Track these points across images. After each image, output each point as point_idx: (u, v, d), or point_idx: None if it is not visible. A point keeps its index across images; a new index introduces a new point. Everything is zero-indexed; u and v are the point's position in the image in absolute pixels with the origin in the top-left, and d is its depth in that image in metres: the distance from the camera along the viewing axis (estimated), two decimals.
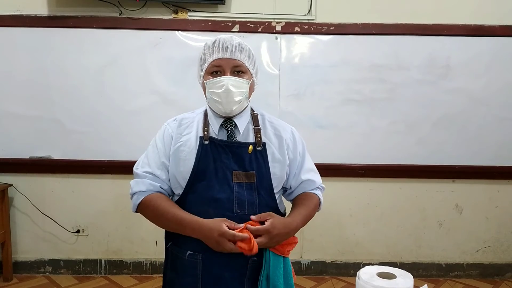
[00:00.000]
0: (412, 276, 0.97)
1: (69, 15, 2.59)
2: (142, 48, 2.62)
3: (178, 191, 1.24)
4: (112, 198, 2.75)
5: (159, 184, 1.23)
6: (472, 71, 2.67)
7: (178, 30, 2.62)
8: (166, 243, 1.29)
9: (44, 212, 2.72)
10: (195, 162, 1.19)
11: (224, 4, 2.58)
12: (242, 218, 1.16)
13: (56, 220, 2.73)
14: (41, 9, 2.59)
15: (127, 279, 2.75)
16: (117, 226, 2.78)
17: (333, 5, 2.64)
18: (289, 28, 2.63)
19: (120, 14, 2.61)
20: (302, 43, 2.65)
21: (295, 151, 1.31)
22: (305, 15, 2.65)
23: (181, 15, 2.62)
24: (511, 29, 2.64)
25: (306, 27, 2.63)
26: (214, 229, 1.09)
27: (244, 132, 1.26)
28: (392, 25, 2.64)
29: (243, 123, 1.27)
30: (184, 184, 1.21)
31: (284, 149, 1.28)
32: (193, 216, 1.15)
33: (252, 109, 1.33)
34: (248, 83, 1.23)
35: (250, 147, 1.22)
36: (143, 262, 2.80)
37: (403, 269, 1.00)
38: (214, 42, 1.22)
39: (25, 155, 2.66)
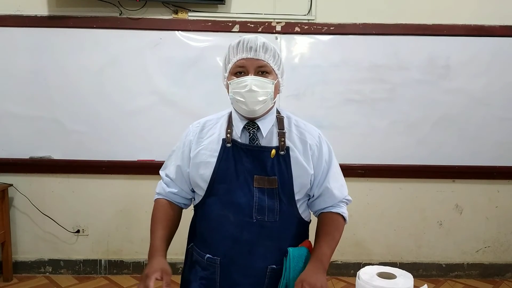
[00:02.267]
0: (412, 276, 0.97)
1: (69, 15, 2.59)
2: (142, 48, 2.62)
3: (200, 192, 1.23)
4: (112, 198, 2.75)
5: (169, 190, 1.27)
6: (472, 71, 2.67)
7: (178, 30, 2.62)
8: (188, 243, 1.31)
9: (44, 212, 2.72)
10: (216, 164, 1.18)
11: (224, 4, 2.58)
12: (261, 225, 1.15)
13: (56, 220, 2.73)
14: (41, 9, 2.59)
15: (127, 279, 2.75)
16: (117, 226, 2.78)
17: (333, 5, 2.64)
18: (289, 28, 2.63)
19: (120, 14, 2.61)
20: (302, 43, 2.65)
21: (320, 158, 1.25)
22: (305, 15, 2.65)
23: (181, 15, 2.62)
24: (511, 29, 2.64)
25: (306, 27, 2.63)
26: (145, 272, 1.10)
27: (267, 135, 1.22)
28: (392, 25, 2.63)
29: (267, 126, 1.23)
30: (205, 186, 1.20)
31: (309, 155, 1.23)
32: (155, 246, 1.17)
33: (278, 111, 1.29)
34: (273, 83, 1.19)
35: (273, 151, 1.18)
36: (143, 262, 2.80)
37: (403, 269, 1.00)
38: (239, 42, 1.20)
39: (25, 155, 2.66)
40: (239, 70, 1.19)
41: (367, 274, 0.97)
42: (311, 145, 1.24)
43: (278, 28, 2.63)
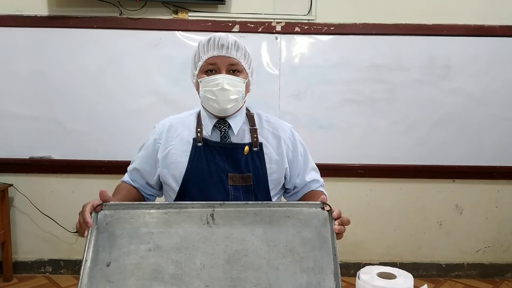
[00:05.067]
0: (412, 276, 0.97)
1: (69, 15, 2.59)
2: (142, 48, 2.62)
3: (172, 194, 1.21)
4: None
5: (132, 182, 1.32)
6: (472, 71, 2.67)
7: (178, 30, 2.62)
8: None
9: (44, 212, 2.72)
10: (188, 165, 1.16)
11: (224, 4, 2.58)
12: None
13: (56, 220, 2.73)
14: (41, 9, 2.59)
15: None
16: None
17: (333, 5, 2.64)
18: (289, 28, 2.63)
19: (120, 14, 2.61)
20: (302, 43, 2.65)
21: (295, 151, 1.27)
22: (305, 15, 2.65)
23: (181, 15, 2.62)
24: (511, 29, 2.64)
25: (306, 27, 2.63)
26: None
27: (239, 133, 1.22)
28: (392, 25, 2.63)
29: (237, 124, 1.22)
30: (177, 188, 1.18)
31: (283, 149, 1.23)
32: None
33: (248, 109, 1.29)
34: (244, 82, 1.19)
35: (246, 148, 1.17)
36: None
37: (403, 269, 1.00)
38: (209, 39, 1.19)
39: (25, 155, 2.66)
40: (210, 68, 1.18)
41: (367, 274, 0.97)
42: (285, 140, 1.25)
43: (278, 28, 2.63)
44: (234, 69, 1.18)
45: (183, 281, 0.92)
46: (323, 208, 1.00)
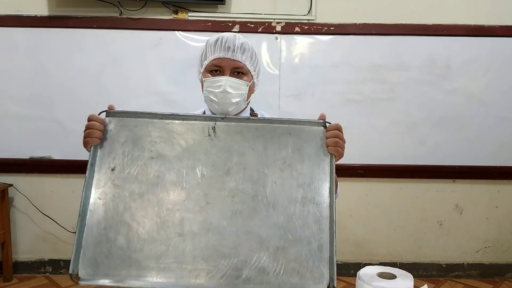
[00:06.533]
0: (412, 276, 0.97)
1: (69, 15, 2.59)
2: (142, 48, 2.62)
3: None
4: None
5: None
6: (472, 71, 2.67)
7: (178, 30, 2.62)
8: None
9: (44, 212, 2.72)
10: None
11: (224, 4, 2.58)
12: None
13: (56, 220, 2.73)
14: (41, 9, 2.59)
15: None
16: None
17: (333, 5, 2.64)
18: (289, 28, 2.63)
19: (120, 14, 2.61)
20: (302, 43, 2.65)
21: None
22: (305, 15, 2.65)
23: (181, 15, 2.62)
24: (511, 29, 2.64)
25: (306, 27, 2.63)
26: None
27: None
28: (392, 25, 2.63)
29: None
30: None
31: None
32: None
33: (252, 110, 1.31)
34: (247, 85, 1.20)
35: None
36: None
37: (403, 269, 1.00)
38: (217, 40, 1.19)
39: (25, 155, 2.66)
40: (214, 69, 1.19)
41: (367, 274, 0.97)
42: None
43: (278, 28, 2.63)
44: (239, 71, 1.19)
45: (184, 189, 0.97)
46: (325, 127, 1.04)
